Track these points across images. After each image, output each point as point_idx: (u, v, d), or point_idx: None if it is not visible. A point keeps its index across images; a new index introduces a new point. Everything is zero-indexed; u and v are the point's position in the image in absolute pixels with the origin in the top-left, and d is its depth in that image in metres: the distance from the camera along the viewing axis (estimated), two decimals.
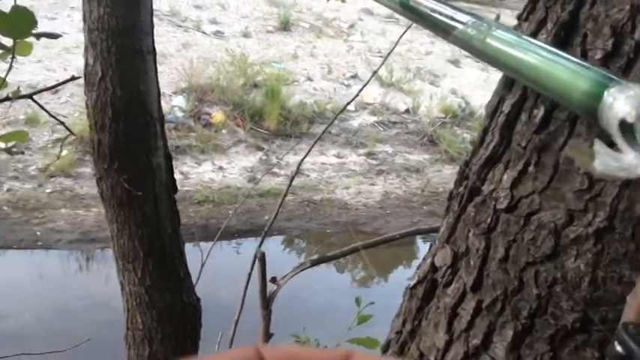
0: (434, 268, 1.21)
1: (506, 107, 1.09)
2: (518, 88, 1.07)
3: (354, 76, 12.35)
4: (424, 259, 1.27)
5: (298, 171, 3.53)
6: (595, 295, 0.94)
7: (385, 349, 1.34)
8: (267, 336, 2.37)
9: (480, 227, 1.09)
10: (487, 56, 0.99)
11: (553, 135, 0.98)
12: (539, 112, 1.01)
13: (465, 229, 1.14)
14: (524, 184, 1.02)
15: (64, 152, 8.00)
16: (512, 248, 1.03)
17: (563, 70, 0.84)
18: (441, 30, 1.12)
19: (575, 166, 0.95)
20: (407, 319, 1.27)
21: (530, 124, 1.02)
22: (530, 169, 1.01)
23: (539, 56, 0.88)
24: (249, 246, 7.31)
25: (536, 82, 0.90)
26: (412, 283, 1.26)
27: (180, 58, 11.34)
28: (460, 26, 1.04)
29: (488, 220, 1.08)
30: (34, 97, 2.29)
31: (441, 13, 1.12)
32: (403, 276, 6.62)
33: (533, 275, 0.99)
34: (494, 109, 1.14)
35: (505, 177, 1.06)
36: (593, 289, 0.94)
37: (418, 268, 1.29)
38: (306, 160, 9.22)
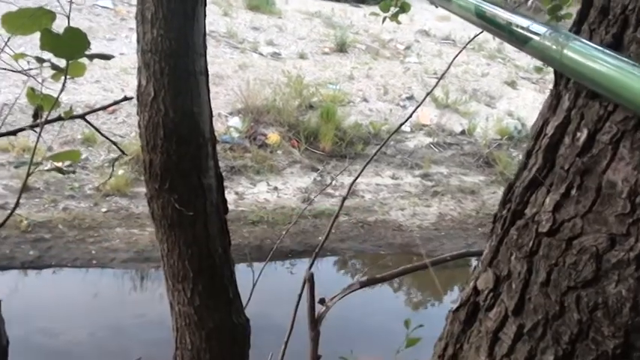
0: (476, 291, 1.20)
1: (550, 130, 1.08)
2: (563, 111, 1.06)
3: (410, 98, 12.32)
4: (467, 282, 1.26)
5: (350, 192, 3.52)
6: (637, 321, 0.92)
7: None
8: (315, 357, 2.37)
9: (522, 251, 1.08)
10: (564, 66, 0.98)
11: (596, 158, 0.97)
12: (582, 135, 1.00)
13: (508, 253, 1.13)
14: (567, 208, 1.01)
15: (120, 172, 8.10)
16: (553, 272, 1.02)
17: (638, 81, 0.84)
18: (517, 40, 1.12)
19: (617, 190, 0.93)
20: (449, 343, 1.26)
21: (574, 147, 1.01)
22: (573, 192, 1.00)
23: (615, 68, 0.88)
24: (302, 266, 7.31)
25: (612, 92, 0.89)
26: (455, 306, 1.25)
27: (236, 79, 11.43)
28: (537, 37, 1.04)
29: (530, 243, 1.07)
30: (87, 117, 2.33)
31: (517, 25, 1.12)
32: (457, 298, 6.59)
33: (575, 300, 0.98)
34: (538, 132, 1.13)
35: (547, 200, 1.05)
36: (635, 314, 0.92)
37: (462, 291, 1.28)
38: (361, 181, 9.23)
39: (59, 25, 1.79)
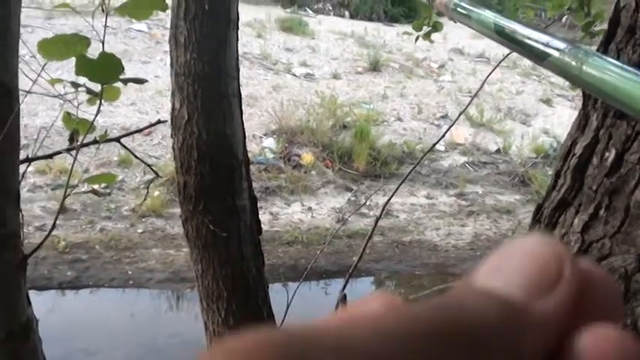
0: None
1: (578, 150, 1.08)
2: (591, 130, 1.07)
3: (445, 117, 12.30)
4: None
5: (384, 212, 3.52)
6: None
7: None
8: None
9: None
10: (584, 83, 0.98)
11: (624, 178, 0.97)
12: (611, 155, 1.00)
13: None
14: (595, 229, 1.01)
15: (156, 193, 8.15)
16: None
17: None
18: (536, 56, 1.12)
19: None
20: None
21: (602, 167, 1.02)
22: (601, 212, 1.00)
23: (634, 82, 0.88)
24: (337, 286, 7.29)
25: (633, 109, 0.89)
26: None
27: (270, 100, 11.49)
28: (556, 53, 1.05)
29: None
30: (122, 140, 2.36)
31: (536, 40, 1.12)
32: None
33: None
34: (566, 152, 1.13)
35: (576, 221, 1.05)
36: None
37: None
38: (395, 200, 9.20)
39: (95, 49, 1.82)
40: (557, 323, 0.26)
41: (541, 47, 1.10)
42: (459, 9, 1.60)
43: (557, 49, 1.05)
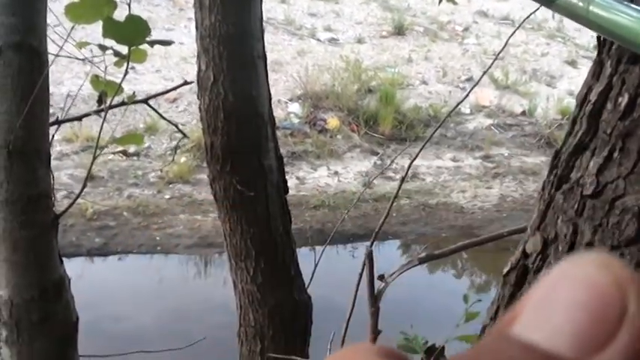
0: (525, 254, 1.23)
1: (593, 96, 1.11)
2: (605, 77, 1.09)
3: (469, 79, 12.23)
4: (517, 247, 1.29)
5: (409, 173, 3.54)
6: None
7: (481, 335, 1.37)
8: (375, 333, 2.41)
9: (567, 213, 1.11)
10: (591, 23, 1.00)
11: (637, 122, 1.00)
12: (624, 100, 1.03)
13: (554, 216, 1.16)
14: (610, 170, 1.04)
15: (183, 159, 8.21)
16: (597, 233, 1.05)
17: None
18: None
19: None
20: (500, 306, 1.29)
21: (616, 111, 1.04)
22: (615, 155, 1.03)
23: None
24: (364, 250, 7.32)
25: (635, 45, 0.91)
26: (505, 270, 1.29)
27: (295, 65, 11.48)
28: None
29: (576, 206, 1.10)
30: (149, 102, 2.40)
31: None
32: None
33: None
34: (583, 99, 1.16)
35: (591, 164, 1.08)
36: None
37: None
38: (421, 163, 9.19)
39: (119, 17, 1.86)
40: None
41: None
42: None
43: None
